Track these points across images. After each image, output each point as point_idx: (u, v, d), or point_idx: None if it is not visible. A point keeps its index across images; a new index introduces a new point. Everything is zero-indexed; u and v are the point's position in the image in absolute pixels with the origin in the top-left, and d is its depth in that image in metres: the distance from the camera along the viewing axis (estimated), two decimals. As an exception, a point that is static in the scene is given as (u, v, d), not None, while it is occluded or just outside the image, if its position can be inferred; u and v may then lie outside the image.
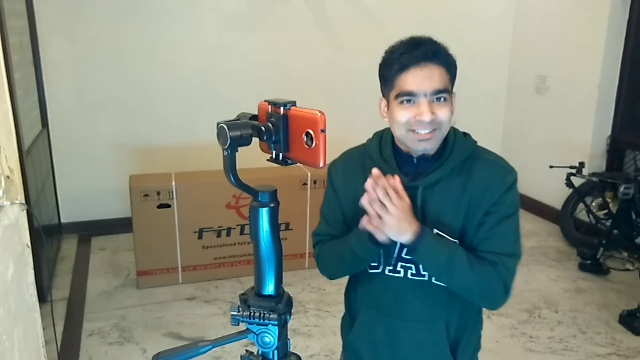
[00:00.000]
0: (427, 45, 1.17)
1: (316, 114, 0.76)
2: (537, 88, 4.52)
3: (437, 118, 1.16)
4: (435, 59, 1.16)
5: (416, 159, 1.24)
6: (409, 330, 1.29)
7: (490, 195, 1.21)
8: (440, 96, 1.16)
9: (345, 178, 1.32)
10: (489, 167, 1.24)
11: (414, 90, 1.15)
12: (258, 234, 0.85)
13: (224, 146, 0.79)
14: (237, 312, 0.86)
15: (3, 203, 1.41)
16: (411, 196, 1.19)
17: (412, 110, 1.16)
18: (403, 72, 1.16)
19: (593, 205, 3.85)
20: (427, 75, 1.15)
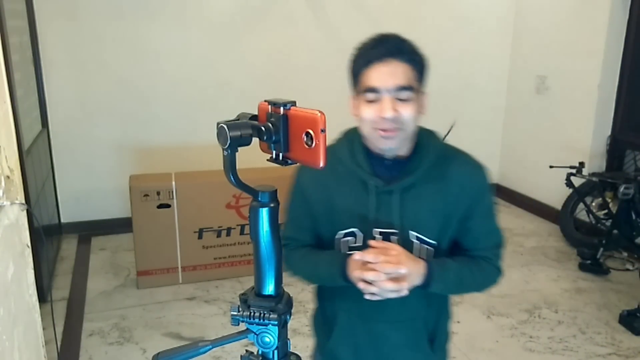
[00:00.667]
0: (392, 41, 1.16)
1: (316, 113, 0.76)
2: (537, 88, 4.52)
3: (400, 116, 1.13)
4: (399, 56, 1.14)
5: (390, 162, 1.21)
6: (389, 332, 1.29)
7: (468, 195, 1.22)
8: (404, 93, 1.14)
9: (316, 182, 1.27)
10: (463, 168, 1.24)
11: (377, 86, 1.14)
12: (258, 234, 0.85)
13: (224, 146, 0.79)
14: (237, 312, 0.86)
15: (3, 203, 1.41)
16: (387, 200, 1.20)
17: (376, 107, 1.14)
18: (367, 67, 1.15)
19: (593, 205, 3.85)
20: (390, 71, 1.13)
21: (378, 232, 1.22)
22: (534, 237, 4.17)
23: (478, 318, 2.99)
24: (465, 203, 1.22)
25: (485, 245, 1.28)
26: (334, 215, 1.25)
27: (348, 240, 1.25)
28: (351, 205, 1.23)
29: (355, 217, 1.23)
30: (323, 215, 1.27)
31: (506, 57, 4.82)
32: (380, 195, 1.21)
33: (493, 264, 1.28)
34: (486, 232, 1.28)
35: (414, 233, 1.22)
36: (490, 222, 1.29)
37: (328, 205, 1.25)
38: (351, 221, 1.24)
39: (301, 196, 1.30)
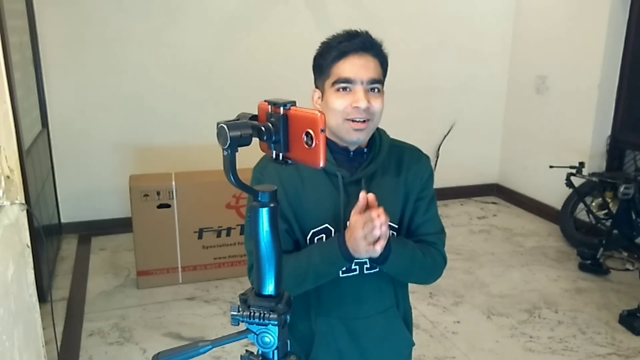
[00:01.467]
0: (365, 36, 1.21)
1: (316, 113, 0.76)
2: (537, 88, 4.52)
3: (371, 107, 1.18)
4: (372, 50, 1.20)
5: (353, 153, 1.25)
6: (369, 327, 1.31)
7: (420, 180, 1.30)
8: (375, 86, 1.19)
9: (282, 184, 1.23)
10: (413, 155, 1.33)
11: (351, 77, 1.17)
12: (258, 234, 0.85)
13: (223, 146, 0.79)
14: (237, 312, 0.86)
15: (3, 203, 1.41)
16: (354, 190, 1.22)
17: (349, 97, 1.17)
18: (341, 59, 1.19)
19: (593, 205, 3.85)
20: (364, 64, 1.18)
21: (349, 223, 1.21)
22: (534, 237, 4.17)
23: (478, 318, 2.99)
24: (417, 188, 1.30)
25: (431, 231, 1.33)
26: (304, 214, 1.25)
27: (322, 238, 1.25)
28: (321, 201, 1.24)
29: (326, 211, 1.24)
30: (294, 216, 1.25)
31: (506, 57, 4.83)
32: (347, 187, 1.23)
33: (439, 250, 1.32)
34: (432, 216, 1.33)
35: None
36: (434, 207, 1.35)
37: (298, 204, 1.24)
38: (323, 217, 1.24)
39: None
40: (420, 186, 1.30)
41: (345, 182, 1.23)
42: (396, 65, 5.17)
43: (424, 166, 1.33)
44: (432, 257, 1.29)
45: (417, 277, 1.32)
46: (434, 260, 1.29)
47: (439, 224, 1.35)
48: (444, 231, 1.36)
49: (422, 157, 1.34)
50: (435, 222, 1.34)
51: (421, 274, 1.30)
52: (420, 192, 1.31)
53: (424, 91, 4.60)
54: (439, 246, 1.32)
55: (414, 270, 1.27)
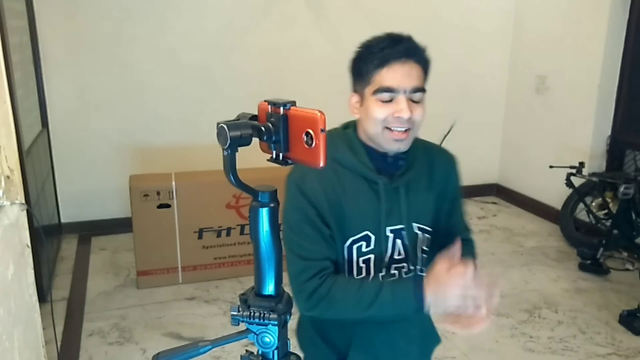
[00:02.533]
0: (409, 42, 1.17)
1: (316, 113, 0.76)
2: (537, 88, 4.52)
3: (413, 117, 1.14)
4: (416, 57, 1.16)
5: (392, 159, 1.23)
6: (406, 330, 1.30)
7: (450, 182, 1.32)
8: (417, 95, 1.16)
9: (325, 191, 1.20)
10: (441, 157, 1.33)
11: (394, 87, 1.13)
12: (258, 234, 0.85)
13: (223, 146, 0.79)
14: (237, 312, 0.86)
15: (3, 203, 1.41)
16: (394, 197, 1.22)
17: (391, 107, 1.14)
18: (384, 67, 1.14)
19: (593, 205, 3.84)
20: (407, 72, 1.14)
21: (388, 230, 1.23)
22: (534, 237, 4.17)
23: (478, 318, 2.98)
24: (449, 191, 1.32)
25: (464, 227, 1.39)
26: (345, 221, 1.21)
27: (361, 246, 1.22)
28: (361, 208, 1.21)
29: (367, 219, 1.21)
30: (334, 224, 1.21)
31: (506, 57, 4.83)
32: (387, 193, 1.22)
33: (473, 245, 1.39)
34: (463, 215, 1.39)
35: (416, 224, 1.26)
36: (463, 207, 1.39)
37: (339, 211, 1.20)
38: (363, 224, 1.22)
39: (312, 208, 1.19)
40: (452, 187, 1.33)
41: (386, 189, 1.22)
42: (396, 65, 5.05)
43: (454, 167, 1.34)
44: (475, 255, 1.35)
45: None
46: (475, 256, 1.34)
47: (466, 220, 1.41)
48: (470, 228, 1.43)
49: (451, 159, 1.35)
50: (465, 219, 1.40)
51: None
52: (452, 193, 1.33)
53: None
54: (471, 241, 1.39)
55: None
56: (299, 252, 1.19)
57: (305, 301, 1.18)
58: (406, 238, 1.24)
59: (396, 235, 1.23)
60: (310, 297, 1.17)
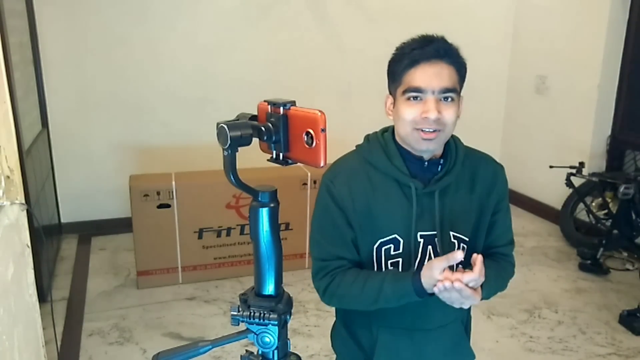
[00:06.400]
0: (439, 43, 1.16)
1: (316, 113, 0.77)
2: (537, 88, 4.52)
3: (442, 118, 1.13)
4: (446, 58, 1.15)
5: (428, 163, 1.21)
6: (433, 339, 1.29)
7: (496, 192, 1.28)
8: (448, 95, 1.14)
9: (352, 192, 1.21)
10: (487, 166, 1.30)
11: (422, 87, 1.13)
12: (258, 234, 0.85)
13: (224, 146, 0.79)
14: (237, 312, 0.86)
15: (3, 203, 1.41)
16: (428, 202, 1.20)
17: (419, 107, 1.14)
18: (412, 67, 1.14)
19: (593, 205, 3.84)
20: (436, 72, 1.13)
21: (419, 235, 1.21)
22: (534, 237, 4.17)
23: (478, 318, 2.98)
24: (493, 202, 1.27)
25: (505, 242, 1.32)
26: (373, 223, 1.21)
27: (389, 248, 1.22)
28: (391, 211, 1.20)
29: (396, 222, 1.20)
30: (362, 226, 1.21)
31: (506, 57, 4.82)
32: (420, 198, 1.20)
33: (510, 261, 1.33)
34: (507, 228, 1.33)
35: (452, 233, 1.23)
36: (509, 218, 1.33)
37: (367, 213, 1.21)
38: (392, 227, 1.21)
39: (337, 209, 1.21)
40: (496, 200, 1.27)
41: (418, 193, 1.20)
42: (396, 65, 5.03)
43: (501, 178, 1.30)
44: (505, 271, 1.30)
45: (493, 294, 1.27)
46: (506, 274, 1.30)
47: (510, 234, 1.34)
48: (513, 241, 1.35)
49: (497, 169, 1.31)
50: (508, 233, 1.33)
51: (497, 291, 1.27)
52: (496, 206, 1.28)
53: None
54: (509, 257, 1.33)
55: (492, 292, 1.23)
56: (318, 253, 1.25)
57: (321, 297, 1.26)
58: (439, 245, 1.20)
59: (427, 241, 1.21)
60: (324, 293, 1.24)
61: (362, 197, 1.21)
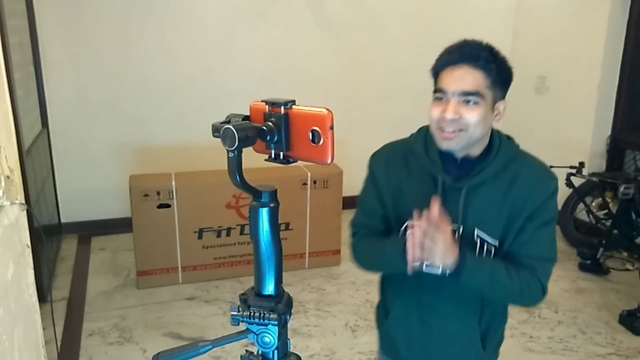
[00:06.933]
0: (470, 47, 1.20)
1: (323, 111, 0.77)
2: (537, 88, 4.52)
3: (462, 119, 1.17)
4: (473, 62, 1.18)
5: (460, 160, 1.25)
6: (442, 324, 1.33)
7: (534, 201, 1.23)
8: (470, 99, 1.17)
9: (388, 171, 1.33)
10: (533, 173, 1.27)
11: (445, 88, 1.19)
12: (258, 234, 0.85)
13: (230, 148, 0.78)
14: (237, 312, 0.86)
15: (3, 203, 1.41)
16: (454, 197, 1.23)
17: (442, 107, 1.19)
18: (441, 70, 1.22)
19: (593, 205, 3.84)
20: (459, 75, 1.18)
21: None
22: (534, 237, 4.16)
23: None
24: (529, 208, 1.23)
25: (533, 254, 1.24)
26: (403, 205, 1.29)
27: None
28: (420, 198, 1.24)
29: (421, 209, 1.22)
30: (391, 204, 1.32)
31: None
32: (447, 191, 1.24)
33: (537, 276, 1.24)
34: (539, 240, 1.25)
35: (477, 231, 1.25)
36: (546, 232, 1.26)
37: (397, 194, 1.30)
38: None
39: (373, 183, 1.35)
40: (532, 206, 1.23)
41: (445, 187, 1.25)
42: (396, 66, 5.18)
43: (543, 187, 1.25)
44: (522, 279, 1.22)
45: (501, 296, 1.28)
46: (522, 281, 1.22)
47: (546, 251, 1.26)
48: (551, 261, 1.28)
49: (544, 178, 1.26)
50: (542, 247, 1.25)
51: (506, 294, 1.25)
52: (532, 213, 1.23)
53: (424, 91, 4.58)
54: (538, 272, 1.24)
55: (496, 288, 1.23)
56: (354, 217, 1.42)
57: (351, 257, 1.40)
58: (458, 239, 1.23)
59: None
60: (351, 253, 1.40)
61: (396, 179, 1.31)
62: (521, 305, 1.33)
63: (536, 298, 1.27)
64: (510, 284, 1.22)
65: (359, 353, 2.66)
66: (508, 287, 1.23)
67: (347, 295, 3.22)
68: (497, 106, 1.23)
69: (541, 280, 1.25)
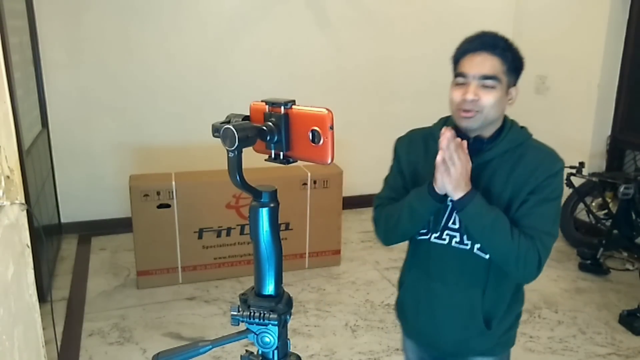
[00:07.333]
0: (488, 37, 1.34)
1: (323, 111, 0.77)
2: (537, 88, 4.52)
3: (480, 101, 1.30)
4: (491, 49, 1.31)
5: (472, 140, 1.36)
6: (446, 293, 1.41)
7: (536, 177, 1.33)
8: (488, 82, 1.30)
9: (409, 151, 1.47)
10: (539, 153, 1.38)
11: (465, 72, 1.32)
12: (258, 234, 0.85)
13: (230, 148, 0.78)
14: (237, 312, 0.86)
15: (3, 203, 1.41)
16: None
17: (462, 90, 1.32)
18: (462, 56, 1.34)
19: (593, 205, 3.84)
20: (479, 61, 1.31)
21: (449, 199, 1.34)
22: (534, 237, 4.16)
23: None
24: (532, 184, 1.33)
25: (533, 225, 1.31)
26: (418, 181, 1.42)
27: None
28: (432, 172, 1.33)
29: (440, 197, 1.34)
30: (409, 181, 1.46)
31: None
32: None
33: (536, 246, 1.29)
34: (540, 214, 1.32)
35: None
36: (548, 208, 1.34)
37: (414, 173, 1.44)
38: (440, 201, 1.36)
39: (396, 161, 1.51)
40: (535, 182, 1.32)
41: None
42: (396, 66, 5.16)
43: (547, 165, 1.35)
44: (521, 243, 1.28)
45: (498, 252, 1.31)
46: (521, 247, 1.28)
47: (547, 225, 1.33)
48: (552, 236, 1.34)
49: (549, 158, 1.37)
50: (542, 221, 1.32)
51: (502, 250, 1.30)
52: (535, 188, 1.32)
53: (424, 91, 4.60)
54: (536, 242, 1.30)
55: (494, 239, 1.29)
56: (379, 193, 1.53)
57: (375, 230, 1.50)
58: None
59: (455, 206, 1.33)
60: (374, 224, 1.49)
61: (414, 157, 1.45)
62: (515, 273, 1.34)
63: (531, 269, 1.31)
64: (509, 242, 1.28)
65: (359, 353, 2.66)
66: (507, 242, 1.28)
67: (347, 295, 3.22)
68: (510, 91, 1.36)
69: (539, 252, 1.30)
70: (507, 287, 1.43)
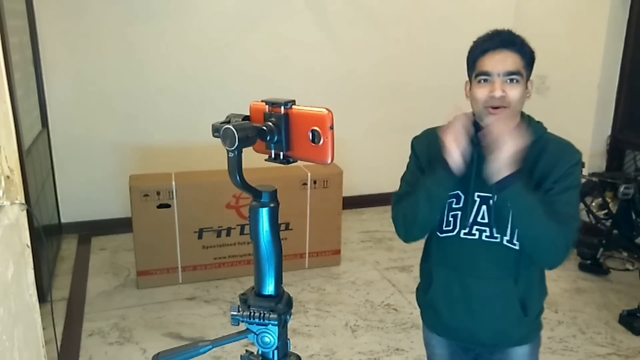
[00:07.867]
0: (505, 34, 1.38)
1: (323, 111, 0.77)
2: (537, 88, 4.51)
3: (507, 96, 1.34)
4: (510, 46, 1.36)
5: None
6: (481, 286, 1.43)
7: (560, 167, 1.38)
8: (512, 77, 1.36)
9: (429, 149, 1.47)
10: (559, 145, 1.44)
11: (489, 71, 1.35)
12: (258, 234, 0.85)
13: (230, 148, 0.78)
14: (237, 312, 0.86)
15: (3, 203, 1.41)
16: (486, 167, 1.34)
17: (488, 88, 1.35)
18: (482, 55, 1.37)
19: (593, 205, 3.84)
20: (501, 58, 1.35)
21: (476, 195, 1.39)
22: (534, 237, 4.16)
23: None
24: (555, 175, 1.37)
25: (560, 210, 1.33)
26: None
27: (452, 202, 1.42)
28: None
29: (460, 180, 1.37)
30: None
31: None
32: (481, 163, 1.35)
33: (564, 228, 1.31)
34: (565, 200, 1.36)
35: None
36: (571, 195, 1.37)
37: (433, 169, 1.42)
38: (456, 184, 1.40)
39: (415, 157, 1.53)
40: (559, 173, 1.37)
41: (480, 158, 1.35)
42: (396, 66, 5.15)
43: (568, 157, 1.40)
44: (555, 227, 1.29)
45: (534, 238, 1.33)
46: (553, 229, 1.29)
47: (572, 210, 1.37)
48: (576, 220, 1.37)
49: (569, 150, 1.43)
50: (569, 206, 1.36)
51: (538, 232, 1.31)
52: (559, 178, 1.36)
53: (424, 91, 4.60)
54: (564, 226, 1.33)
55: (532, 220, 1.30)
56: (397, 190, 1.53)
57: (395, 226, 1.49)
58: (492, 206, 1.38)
59: (483, 201, 1.39)
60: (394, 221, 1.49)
61: (435, 154, 1.43)
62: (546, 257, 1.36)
63: (560, 251, 1.33)
64: (546, 223, 1.29)
65: (359, 353, 2.66)
66: (544, 223, 1.29)
67: (347, 295, 3.22)
68: (528, 85, 1.42)
69: (567, 234, 1.32)
70: (535, 273, 1.47)
